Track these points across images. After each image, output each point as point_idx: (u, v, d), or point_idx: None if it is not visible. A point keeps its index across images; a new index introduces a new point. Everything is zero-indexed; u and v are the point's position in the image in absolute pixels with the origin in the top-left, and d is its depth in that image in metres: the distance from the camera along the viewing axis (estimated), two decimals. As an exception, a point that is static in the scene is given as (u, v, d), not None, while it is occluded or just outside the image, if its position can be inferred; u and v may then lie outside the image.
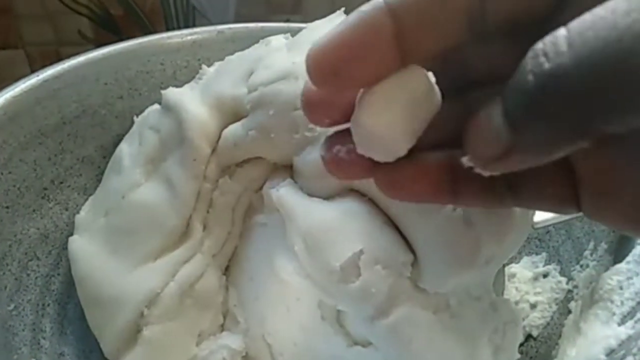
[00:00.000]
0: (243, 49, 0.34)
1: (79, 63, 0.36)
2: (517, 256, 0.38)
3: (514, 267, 0.38)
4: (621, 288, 0.29)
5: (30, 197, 0.33)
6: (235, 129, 0.30)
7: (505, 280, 0.36)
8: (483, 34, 0.17)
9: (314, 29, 0.31)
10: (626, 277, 0.29)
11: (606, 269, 0.31)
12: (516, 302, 0.36)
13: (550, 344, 0.33)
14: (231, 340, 0.30)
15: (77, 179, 0.36)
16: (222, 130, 0.30)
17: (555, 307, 0.35)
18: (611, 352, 0.26)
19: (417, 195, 0.19)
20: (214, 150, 0.30)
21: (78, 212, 0.35)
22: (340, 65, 0.17)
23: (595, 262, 0.33)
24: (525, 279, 0.37)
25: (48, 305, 0.33)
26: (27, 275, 0.32)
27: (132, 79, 0.38)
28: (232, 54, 0.34)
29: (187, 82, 0.35)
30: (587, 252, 0.34)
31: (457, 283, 0.24)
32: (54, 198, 0.34)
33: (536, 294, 0.36)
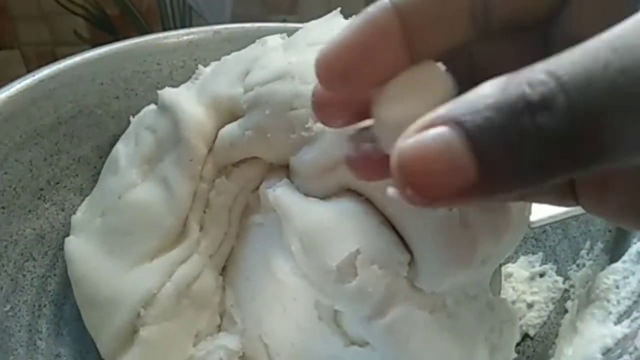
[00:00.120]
0: (239, 49, 0.34)
1: (75, 63, 0.36)
2: (513, 256, 0.38)
3: (510, 267, 0.38)
4: (617, 287, 0.29)
5: (26, 198, 0.33)
6: (232, 129, 0.30)
7: (502, 279, 0.36)
8: (488, 32, 0.17)
9: (310, 29, 0.31)
10: (622, 276, 0.29)
11: (602, 268, 0.31)
12: (513, 302, 0.36)
13: (547, 343, 0.33)
14: (228, 341, 0.30)
15: (73, 180, 0.36)
16: (218, 130, 0.30)
17: (551, 307, 0.35)
18: (608, 351, 0.26)
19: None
20: (210, 150, 0.30)
21: (74, 213, 0.35)
22: (349, 67, 0.17)
23: (591, 262, 0.33)
24: (522, 279, 0.37)
25: (44, 306, 0.33)
26: (23, 276, 0.32)
27: (128, 79, 0.38)
28: (228, 54, 0.34)
29: (184, 82, 0.35)
30: (583, 252, 0.34)
31: (454, 283, 0.24)
32: (50, 198, 0.34)
33: (533, 293, 0.36)
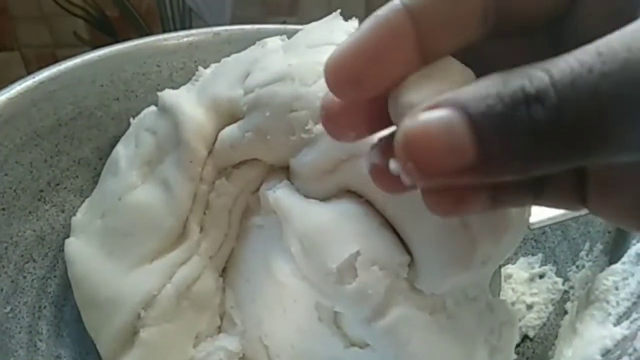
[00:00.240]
0: (239, 51, 0.34)
1: (74, 65, 0.36)
2: (513, 257, 0.38)
3: (510, 268, 0.38)
4: (617, 288, 0.29)
5: (26, 199, 0.33)
6: (232, 130, 0.30)
7: (502, 281, 0.36)
8: (499, 31, 0.17)
9: (310, 31, 0.31)
10: (622, 278, 0.29)
11: (602, 269, 0.31)
12: (512, 303, 0.36)
13: (546, 345, 0.33)
14: (228, 342, 0.30)
15: (73, 181, 0.36)
16: (218, 132, 0.30)
17: (551, 308, 0.35)
18: (607, 353, 0.26)
19: None
20: (210, 152, 0.30)
21: (74, 214, 0.35)
22: (361, 70, 0.16)
23: (591, 263, 0.33)
24: (522, 280, 0.37)
25: (44, 307, 0.33)
26: (24, 277, 0.32)
27: (128, 80, 0.38)
28: (228, 55, 0.34)
29: (184, 83, 0.35)
30: (582, 253, 0.34)
31: (454, 284, 0.24)
32: (50, 200, 0.34)
33: (532, 294, 0.36)
